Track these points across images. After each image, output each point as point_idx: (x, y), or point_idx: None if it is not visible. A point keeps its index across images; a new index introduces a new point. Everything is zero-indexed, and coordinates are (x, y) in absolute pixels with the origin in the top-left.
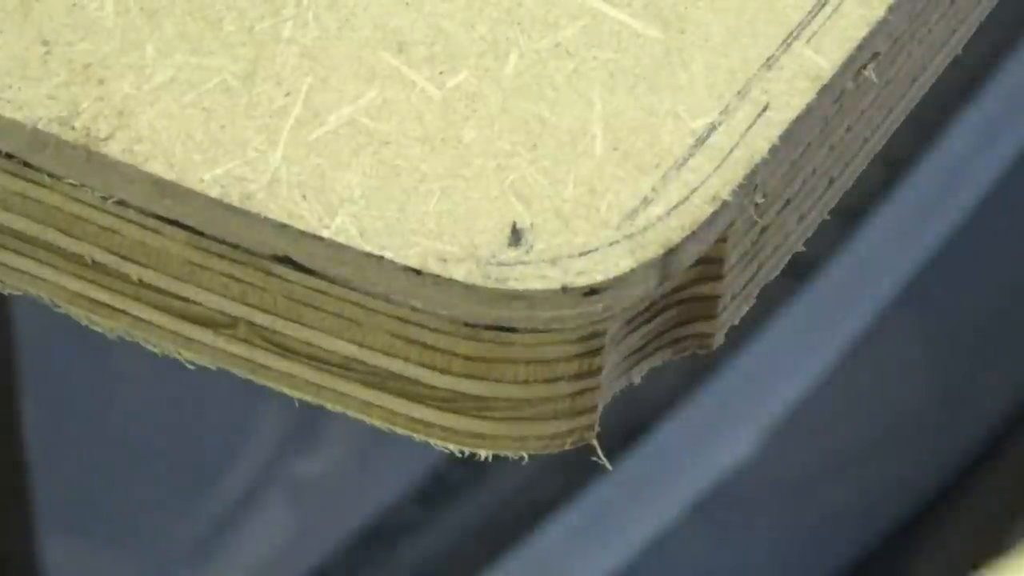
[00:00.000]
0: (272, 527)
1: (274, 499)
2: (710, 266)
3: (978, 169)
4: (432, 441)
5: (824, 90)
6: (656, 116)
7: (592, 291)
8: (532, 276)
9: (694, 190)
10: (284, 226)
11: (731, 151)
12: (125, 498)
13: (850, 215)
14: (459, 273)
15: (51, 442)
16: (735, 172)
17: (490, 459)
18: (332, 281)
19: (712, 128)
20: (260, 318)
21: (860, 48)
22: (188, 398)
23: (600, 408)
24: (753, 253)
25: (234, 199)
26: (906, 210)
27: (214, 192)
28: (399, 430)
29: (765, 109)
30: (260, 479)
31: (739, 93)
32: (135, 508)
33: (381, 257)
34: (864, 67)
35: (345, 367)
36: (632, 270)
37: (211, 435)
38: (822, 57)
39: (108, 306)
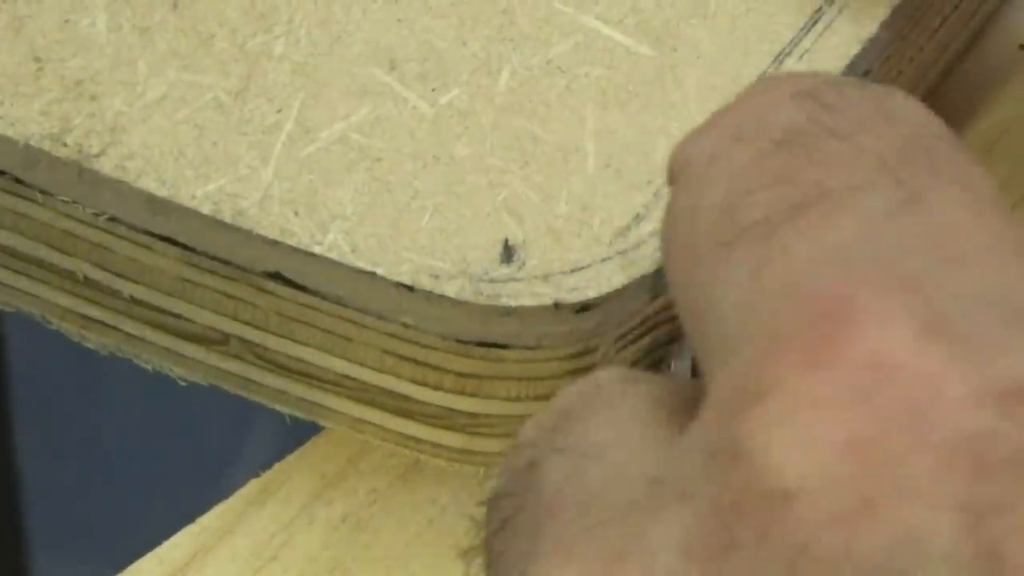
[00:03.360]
0: None
1: None
2: None
3: None
4: (423, 457)
5: None
6: (648, 133)
7: (584, 307)
8: (524, 293)
9: None
10: (276, 242)
11: None
12: (117, 516)
13: None
14: (451, 289)
15: (43, 460)
16: None
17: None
18: (324, 297)
19: None
20: (252, 334)
21: (852, 65)
22: (180, 415)
23: None
24: None
25: (226, 216)
26: None
27: (206, 209)
28: (390, 446)
29: None
30: None
31: None
32: (127, 526)
33: (373, 273)
34: None
35: (337, 383)
36: (624, 286)
37: (203, 452)
38: None
39: (100, 322)
